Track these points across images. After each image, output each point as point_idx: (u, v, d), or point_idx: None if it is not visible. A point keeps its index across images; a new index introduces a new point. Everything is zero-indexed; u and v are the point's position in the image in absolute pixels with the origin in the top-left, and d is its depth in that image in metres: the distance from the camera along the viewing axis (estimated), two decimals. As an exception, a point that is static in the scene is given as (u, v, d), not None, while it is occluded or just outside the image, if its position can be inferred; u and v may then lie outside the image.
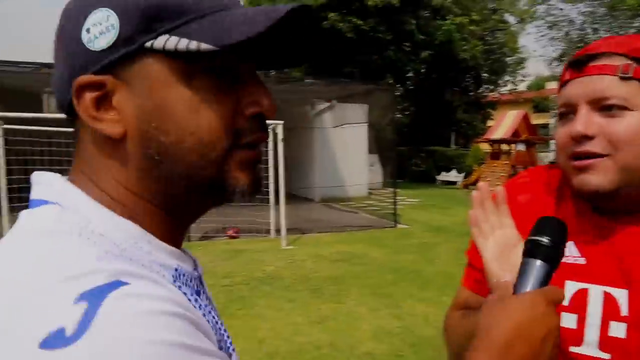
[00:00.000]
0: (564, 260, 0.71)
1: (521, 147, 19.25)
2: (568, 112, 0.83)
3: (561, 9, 27.17)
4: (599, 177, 0.79)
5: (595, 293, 0.82)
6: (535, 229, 0.66)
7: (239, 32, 0.44)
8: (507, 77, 29.47)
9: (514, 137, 19.21)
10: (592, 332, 0.80)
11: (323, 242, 7.94)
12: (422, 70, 24.88)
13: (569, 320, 0.82)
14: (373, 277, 5.81)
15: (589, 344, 0.81)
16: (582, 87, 0.81)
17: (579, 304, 0.82)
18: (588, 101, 0.80)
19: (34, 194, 0.48)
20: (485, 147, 21.88)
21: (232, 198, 0.51)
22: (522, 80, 30.87)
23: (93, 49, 0.45)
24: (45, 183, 0.48)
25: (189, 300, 0.46)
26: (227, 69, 0.48)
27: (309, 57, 0.56)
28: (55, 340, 0.33)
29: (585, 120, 0.79)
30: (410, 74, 23.67)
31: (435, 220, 10.20)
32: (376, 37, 18.23)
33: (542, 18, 27.91)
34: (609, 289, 0.81)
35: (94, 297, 0.35)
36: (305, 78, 12.50)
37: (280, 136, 7.90)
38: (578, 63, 0.82)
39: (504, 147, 20.07)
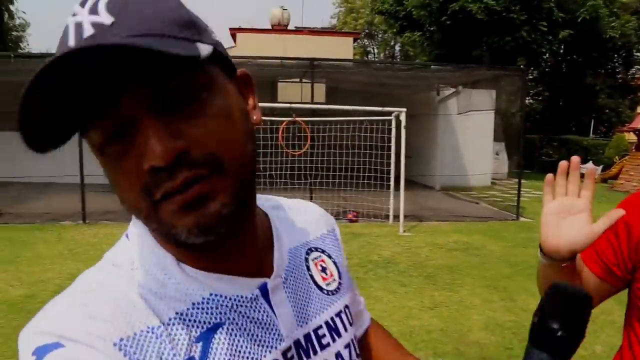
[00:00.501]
0: None
1: (677, 138, 17.01)
2: None
3: None
4: None
5: None
6: (547, 306, 0.55)
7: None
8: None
9: None
10: None
11: (440, 231, 8.00)
12: (560, 52, 22.97)
13: None
14: (489, 269, 5.81)
15: None
16: None
17: None
18: None
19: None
20: (630, 137, 19.68)
21: (186, 247, 0.50)
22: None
23: None
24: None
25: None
26: (112, 135, 0.45)
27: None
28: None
29: None
30: (545, 56, 21.95)
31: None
32: (509, 17, 17.25)
33: None
34: None
35: (40, 353, 0.45)
36: (431, 64, 12.39)
37: (403, 123, 8.04)
38: None
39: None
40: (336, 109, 8.50)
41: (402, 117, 8.05)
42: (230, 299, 0.54)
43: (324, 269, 0.69)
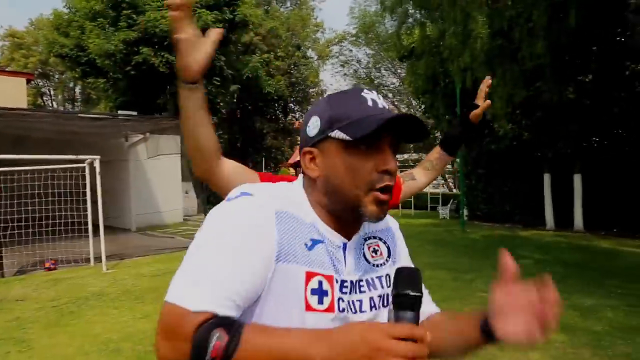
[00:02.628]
0: None
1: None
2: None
3: (351, 50, 32.13)
4: None
5: None
6: (400, 281, 0.80)
7: (364, 129, 0.85)
8: (309, 107, 32.89)
9: None
10: None
11: (143, 264, 8.91)
12: (234, 101, 26.83)
13: None
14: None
15: None
16: None
17: None
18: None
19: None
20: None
21: (365, 219, 0.92)
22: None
23: (309, 135, 0.94)
24: (297, 179, 1.01)
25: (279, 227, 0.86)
26: (367, 145, 0.88)
27: (416, 138, 0.94)
28: (227, 199, 0.89)
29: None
30: (221, 106, 25.25)
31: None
32: (186, 72, 19.43)
33: (336, 57, 32.58)
34: None
35: (242, 194, 0.89)
36: (119, 114, 13.10)
37: (97, 169, 8.59)
38: None
39: (306, 170, 22.63)
40: (25, 158, 8.42)
41: (97, 164, 8.60)
42: (331, 239, 0.93)
43: (375, 250, 1.03)
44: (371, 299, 0.96)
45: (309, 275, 0.86)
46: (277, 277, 0.83)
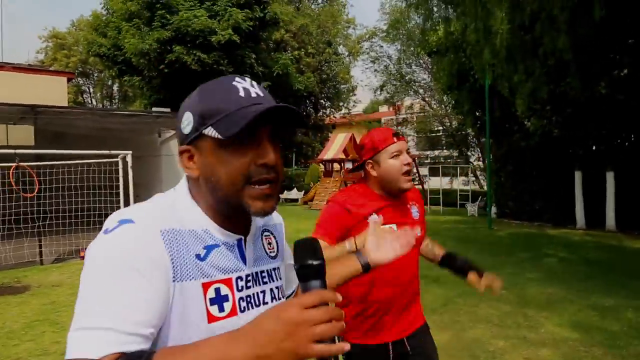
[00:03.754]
0: (386, 225, 1.71)
1: (349, 165, 22.19)
2: (399, 154, 1.87)
3: (381, 46, 32.00)
4: (410, 184, 1.90)
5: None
6: (300, 254, 0.81)
7: (235, 126, 0.81)
8: (341, 103, 33.06)
9: (344, 157, 21.76)
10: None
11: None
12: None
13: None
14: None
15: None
16: (402, 145, 1.89)
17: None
18: (405, 150, 1.91)
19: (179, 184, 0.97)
20: (321, 167, 24.33)
21: (251, 215, 0.91)
22: (355, 106, 34.91)
23: (184, 133, 0.90)
24: (180, 182, 0.96)
25: (165, 247, 0.82)
26: (241, 140, 0.85)
27: (296, 125, 0.95)
28: (104, 231, 0.81)
29: (406, 158, 1.89)
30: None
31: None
32: (219, 70, 19.87)
33: (367, 53, 32.52)
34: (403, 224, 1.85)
35: (121, 222, 0.81)
36: (152, 111, 13.51)
37: (129, 164, 9.00)
38: (397, 135, 1.91)
39: (336, 165, 22.68)
40: (63, 153, 8.91)
41: (129, 159, 9.01)
42: (224, 241, 0.92)
43: (269, 243, 1.06)
44: (271, 290, 0.99)
45: (206, 286, 0.86)
46: (177, 297, 0.82)
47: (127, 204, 8.98)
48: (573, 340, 4.69)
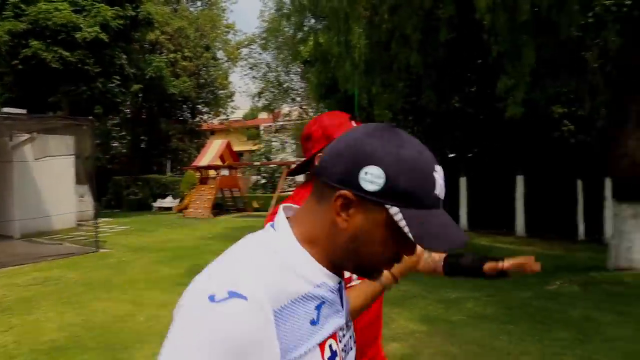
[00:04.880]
0: None
1: (225, 172, 21.94)
2: None
3: (260, 53, 32.14)
4: None
5: None
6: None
7: (436, 242, 0.74)
8: (220, 109, 32.60)
9: (221, 163, 21.41)
10: None
11: (18, 273, 8.34)
12: (138, 101, 25.82)
13: None
14: (64, 291, 6.86)
15: None
16: None
17: None
18: None
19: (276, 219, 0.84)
20: (197, 173, 23.86)
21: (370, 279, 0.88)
22: (234, 112, 34.62)
23: (361, 185, 0.73)
24: (279, 218, 0.83)
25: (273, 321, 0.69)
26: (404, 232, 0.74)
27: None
28: (210, 297, 0.67)
29: None
30: (124, 106, 24.21)
31: (137, 242, 11.53)
32: (84, 69, 18.47)
33: (246, 59, 32.50)
34: None
35: (231, 295, 0.67)
36: (4, 110, 12.20)
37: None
38: (355, 119, 1.62)
39: (212, 172, 22.21)
40: None
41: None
42: (333, 287, 0.82)
43: None
44: (352, 337, 0.92)
45: (322, 347, 0.77)
46: None
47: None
48: (420, 332, 5.13)
